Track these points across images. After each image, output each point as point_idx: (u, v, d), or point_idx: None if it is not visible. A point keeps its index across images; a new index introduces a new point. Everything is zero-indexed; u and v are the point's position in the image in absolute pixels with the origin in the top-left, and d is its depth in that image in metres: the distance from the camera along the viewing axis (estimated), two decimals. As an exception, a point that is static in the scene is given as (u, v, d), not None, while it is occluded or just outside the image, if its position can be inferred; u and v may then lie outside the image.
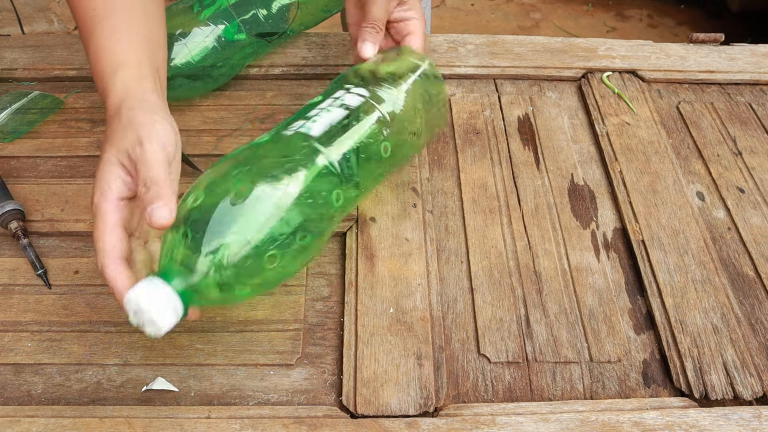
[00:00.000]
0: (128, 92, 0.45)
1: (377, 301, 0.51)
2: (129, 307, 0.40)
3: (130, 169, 0.42)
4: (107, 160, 0.42)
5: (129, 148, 0.42)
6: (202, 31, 0.63)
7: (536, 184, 0.60)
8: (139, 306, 0.39)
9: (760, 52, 0.74)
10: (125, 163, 0.42)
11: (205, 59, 0.63)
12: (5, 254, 0.55)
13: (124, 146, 0.42)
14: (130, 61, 0.47)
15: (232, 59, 0.65)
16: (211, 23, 0.63)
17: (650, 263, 0.54)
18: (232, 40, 0.64)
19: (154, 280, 0.40)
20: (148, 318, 0.39)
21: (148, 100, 0.45)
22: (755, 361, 0.49)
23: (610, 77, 0.69)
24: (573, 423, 0.45)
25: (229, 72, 0.66)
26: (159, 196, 0.40)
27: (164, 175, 0.41)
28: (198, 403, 0.46)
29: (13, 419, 0.44)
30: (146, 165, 0.41)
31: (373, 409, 0.46)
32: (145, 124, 0.42)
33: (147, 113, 0.44)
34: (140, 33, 0.49)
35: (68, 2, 0.50)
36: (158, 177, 0.41)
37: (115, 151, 0.42)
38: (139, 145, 0.41)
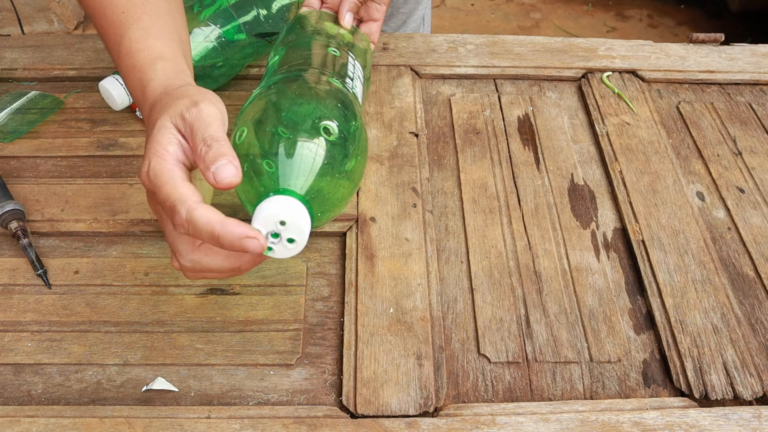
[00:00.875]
0: (170, 79, 0.44)
1: (377, 301, 0.51)
2: (267, 220, 0.38)
3: (185, 132, 0.39)
4: (161, 125, 0.39)
5: (183, 109, 0.39)
6: (202, 31, 0.63)
7: (536, 184, 0.60)
8: (286, 217, 0.38)
9: (760, 52, 0.74)
10: (180, 126, 0.39)
11: (205, 59, 0.63)
12: (5, 254, 0.55)
13: (178, 109, 0.39)
14: (167, 55, 0.47)
15: (232, 59, 0.65)
16: (211, 23, 0.63)
17: (650, 263, 0.54)
18: (232, 40, 0.64)
19: (279, 197, 0.39)
20: (296, 227, 0.38)
21: (192, 84, 0.45)
22: (755, 361, 0.49)
23: (610, 77, 0.69)
24: (573, 423, 0.45)
25: (229, 72, 0.66)
26: (222, 154, 0.37)
27: (224, 134, 0.38)
28: (198, 403, 0.46)
29: (13, 419, 0.44)
30: (204, 123, 0.38)
31: (373, 409, 0.46)
32: (198, 92, 0.41)
33: (196, 88, 0.42)
34: (172, 33, 0.49)
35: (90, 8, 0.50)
36: (219, 134, 0.38)
37: (169, 116, 0.39)
38: (194, 106, 0.39)
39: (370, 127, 0.64)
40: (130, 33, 0.48)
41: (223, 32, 0.63)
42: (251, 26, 0.65)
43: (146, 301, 0.52)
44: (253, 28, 0.65)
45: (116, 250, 0.55)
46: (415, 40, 0.73)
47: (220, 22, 0.63)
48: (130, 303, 0.51)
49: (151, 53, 0.46)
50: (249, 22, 0.65)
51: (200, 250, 0.40)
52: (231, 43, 0.64)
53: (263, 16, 0.66)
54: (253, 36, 0.66)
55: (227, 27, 0.64)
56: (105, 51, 0.72)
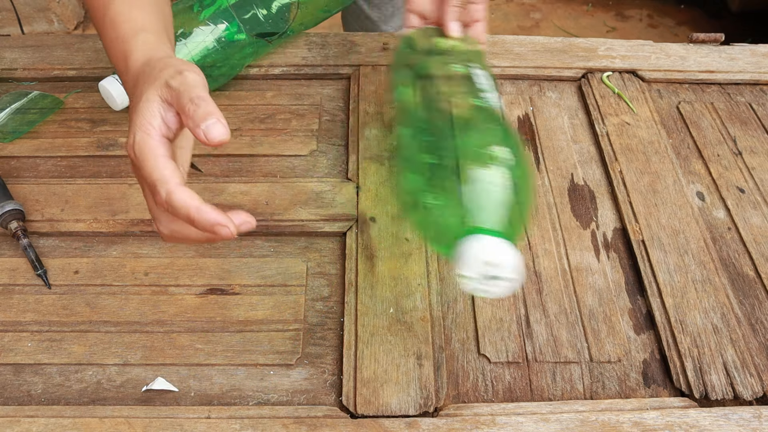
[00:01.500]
0: (153, 50, 0.45)
1: (377, 301, 0.51)
2: (473, 261, 0.38)
3: (171, 100, 0.40)
4: (147, 98, 0.39)
5: (169, 78, 0.40)
6: (202, 31, 0.63)
7: (536, 184, 0.60)
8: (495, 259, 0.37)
9: (760, 52, 0.74)
10: (165, 96, 0.40)
11: (205, 59, 0.63)
12: (5, 254, 0.55)
13: (163, 79, 0.40)
14: (149, 27, 0.47)
15: (232, 59, 0.65)
16: (211, 23, 0.63)
17: (650, 263, 0.54)
18: (232, 40, 0.64)
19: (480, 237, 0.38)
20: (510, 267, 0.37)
21: (173, 56, 0.45)
22: (755, 361, 0.49)
23: (610, 77, 0.69)
24: (573, 423, 0.45)
25: (229, 72, 0.66)
26: (210, 113, 0.38)
27: (209, 96, 0.39)
28: (198, 403, 0.46)
29: (13, 419, 0.44)
30: (189, 86, 0.39)
31: (373, 409, 0.46)
32: (181, 62, 0.41)
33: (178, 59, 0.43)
34: (154, 7, 0.50)
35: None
36: (205, 95, 0.39)
37: (155, 88, 0.40)
38: (179, 74, 0.40)
39: (370, 127, 0.64)
40: (115, 5, 0.48)
41: (223, 32, 0.63)
42: (251, 26, 0.65)
43: (146, 301, 0.52)
44: (253, 28, 0.65)
45: (116, 250, 0.55)
46: (415, 40, 0.73)
47: (220, 22, 0.63)
48: (130, 303, 0.51)
49: (134, 25, 0.47)
50: (249, 22, 0.65)
51: (178, 222, 0.40)
52: (231, 43, 0.64)
53: (263, 16, 0.66)
54: (253, 36, 0.66)
55: (227, 27, 0.64)
56: (105, 51, 0.72)
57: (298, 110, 0.66)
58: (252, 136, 0.64)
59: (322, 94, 0.68)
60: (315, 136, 0.64)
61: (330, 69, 0.70)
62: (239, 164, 0.61)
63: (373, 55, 0.71)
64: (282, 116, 0.66)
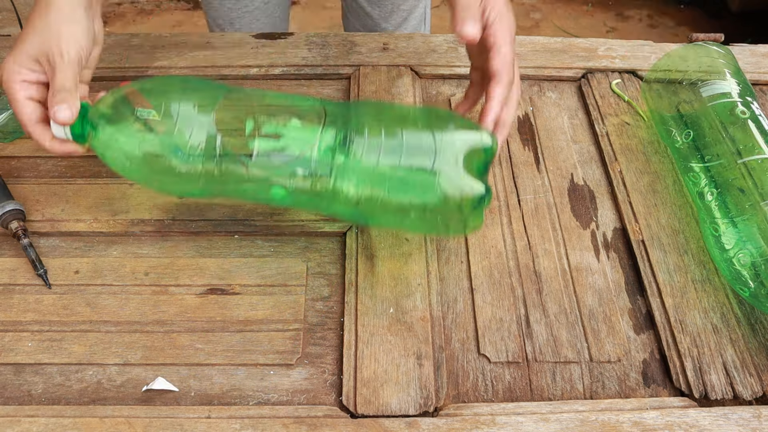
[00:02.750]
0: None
1: (377, 301, 0.51)
2: None
3: (44, 64, 0.49)
4: (25, 51, 0.49)
5: (50, 53, 0.49)
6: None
7: (536, 184, 0.60)
8: None
9: (760, 52, 0.74)
10: (41, 60, 0.49)
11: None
12: (5, 254, 0.55)
13: (44, 49, 0.49)
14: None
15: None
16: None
17: (650, 263, 0.54)
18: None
19: None
20: None
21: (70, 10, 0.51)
22: (755, 361, 0.49)
23: (618, 84, 0.69)
24: (573, 423, 0.45)
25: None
26: (63, 100, 0.48)
27: (71, 81, 0.48)
28: (198, 403, 0.46)
29: (13, 419, 0.44)
30: (56, 70, 0.49)
31: (373, 409, 0.46)
32: (63, 34, 0.49)
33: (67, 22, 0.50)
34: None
35: None
36: (66, 84, 0.48)
37: (36, 50, 0.49)
38: (59, 54, 0.49)
39: (370, 127, 0.64)
40: None
41: None
42: None
43: (146, 301, 0.52)
44: None
45: (116, 250, 0.55)
46: (415, 40, 0.73)
47: None
48: (130, 303, 0.52)
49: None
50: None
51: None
52: None
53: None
54: None
55: None
56: (105, 51, 0.72)
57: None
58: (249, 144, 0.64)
59: (322, 94, 0.68)
60: (315, 136, 0.64)
61: (330, 69, 0.70)
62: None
63: (373, 55, 0.71)
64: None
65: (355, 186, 0.45)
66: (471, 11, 0.50)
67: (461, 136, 0.46)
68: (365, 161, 0.45)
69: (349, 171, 0.45)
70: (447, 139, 0.46)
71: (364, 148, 0.45)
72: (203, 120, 0.46)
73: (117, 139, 0.47)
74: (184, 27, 2.06)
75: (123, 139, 0.47)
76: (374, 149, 0.45)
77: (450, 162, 0.45)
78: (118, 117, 0.47)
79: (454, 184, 0.45)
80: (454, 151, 0.45)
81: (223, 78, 0.69)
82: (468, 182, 0.45)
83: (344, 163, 0.45)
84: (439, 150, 0.45)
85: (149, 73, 0.69)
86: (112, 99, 0.49)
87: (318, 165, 0.45)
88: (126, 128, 0.47)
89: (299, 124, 0.47)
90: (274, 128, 0.46)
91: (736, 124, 0.56)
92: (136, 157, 0.47)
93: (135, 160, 0.47)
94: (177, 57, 0.71)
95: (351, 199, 0.46)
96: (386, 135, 0.46)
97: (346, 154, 0.45)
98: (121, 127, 0.47)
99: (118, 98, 0.49)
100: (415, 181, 0.45)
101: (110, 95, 0.49)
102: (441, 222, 0.47)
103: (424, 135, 0.46)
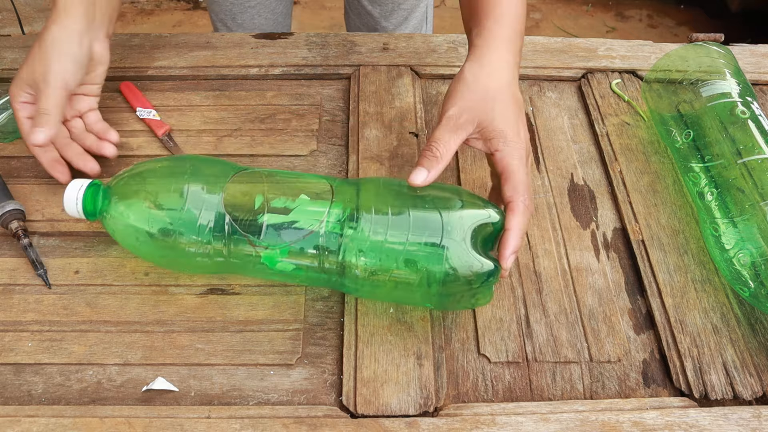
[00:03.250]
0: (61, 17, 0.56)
1: (377, 301, 0.51)
2: None
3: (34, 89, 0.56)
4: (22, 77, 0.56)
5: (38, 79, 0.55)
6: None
7: (536, 184, 0.60)
8: None
9: (760, 52, 0.74)
10: (32, 86, 0.56)
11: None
12: (5, 254, 0.55)
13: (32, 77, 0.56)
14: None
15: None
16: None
17: (650, 263, 0.54)
18: None
19: None
20: None
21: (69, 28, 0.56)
22: (755, 361, 0.49)
23: (618, 84, 0.69)
24: (573, 423, 0.45)
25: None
26: (40, 124, 0.54)
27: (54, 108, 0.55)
28: (198, 403, 0.46)
29: (13, 419, 0.44)
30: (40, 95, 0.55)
31: (373, 409, 0.46)
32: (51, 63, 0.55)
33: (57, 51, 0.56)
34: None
35: None
36: (47, 108, 0.55)
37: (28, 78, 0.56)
38: (44, 82, 0.55)
39: (370, 127, 0.64)
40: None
41: None
42: None
43: (146, 301, 0.52)
44: None
45: (116, 250, 0.55)
46: (415, 40, 0.73)
47: None
48: (130, 303, 0.52)
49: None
50: None
51: None
52: None
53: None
54: None
55: None
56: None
57: (298, 110, 0.66)
58: (252, 136, 0.64)
59: (322, 94, 0.68)
60: (315, 136, 0.64)
61: (330, 69, 0.70)
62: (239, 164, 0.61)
63: (373, 55, 0.71)
64: (282, 116, 0.66)
65: (363, 262, 0.46)
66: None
67: (468, 213, 0.46)
68: (373, 237, 0.45)
69: (358, 247, 0.46)
70: (454, 216, 0.46)
71: (371, 225, 0.46)
72: (212, 199, 0.47)
73: (128, 216, 0.48)
74: (184, 27, 2.06)
75: (134, 217, 0.48)
76: (382, 226, 0.46)
77: (458, 239, 0.45)
78: (129, 195, 0.48)
79: (463, 262, 0.45)
80: (462, 228, 0.45)
81: (223, 78, 0.69)
82: (476, 259, 0.45)
83: (352, 239, 0.46)
84: (446, 227, 0.45)
85: (149, 73, 0.69)
86: (124, 177, 0.50)
87: (326, 241, 0.46)
88: (137, 206, 0.48)
89: (308, 199, 0.47)
90: (283, 204, 0.47)
91: (736, 124, 0.55)
92: (145, 235, 0.48)
93: (144, 238, 0.48)
94: (177, 57, 0.71)
95: (359, 274, 0.46)
96: (393, 213, 0.46)
97: (355, 230, 0.46)
98: (132, 205, 0.48)
99: (130, 176, 0.50)
100: (423, 258, 0.45)
101: (123, 174, 0.50)
102: (449, 299, 0.47)
103: (431, 213, 0.46)
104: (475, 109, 0.49)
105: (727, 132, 0.55)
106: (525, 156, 0.49)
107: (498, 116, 0.49)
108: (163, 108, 0.66)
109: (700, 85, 0.59)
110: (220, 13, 0.95)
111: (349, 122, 0.65)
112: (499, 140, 0.49)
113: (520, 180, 0.48)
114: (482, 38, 0.53)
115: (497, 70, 0.51)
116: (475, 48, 0.53)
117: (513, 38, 0.53)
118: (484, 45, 0.52)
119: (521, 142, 0.49)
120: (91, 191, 0.50)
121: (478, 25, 0.53)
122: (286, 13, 1.00)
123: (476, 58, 0.52)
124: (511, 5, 0.54)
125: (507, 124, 0.49)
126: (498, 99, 0.50)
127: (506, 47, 0.52)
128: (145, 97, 0.67)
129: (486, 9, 0.53)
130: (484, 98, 0.50)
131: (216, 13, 0.96)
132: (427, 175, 0.47)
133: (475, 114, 0.49)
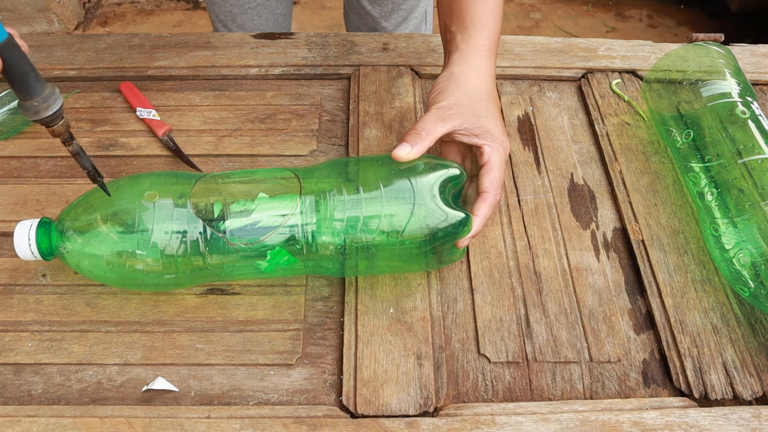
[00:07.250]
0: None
1: (377, 301, 0.51)
2: None
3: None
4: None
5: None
6: None
7: (536, 184, 0.60)
8: None
9: (760, 52, 0.74)
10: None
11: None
12: (5, 254, 0.55)
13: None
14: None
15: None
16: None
17: (650, 263, 0.54)
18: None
19: None
20: None
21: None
22: (755, 361, 0.49)
23: (618, 84, 0.69)
24: (573, 423, 0.45)
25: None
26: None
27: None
28: (198, 403, 0.46)
29: (13, 419, 0.44)
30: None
31: (373, 409, 0.46)
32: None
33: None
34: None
35: None
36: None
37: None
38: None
39: (370, 127, 0.64)
40: None
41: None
42: None
43: (146, 301, 0.52)
44: None
45: (116, 250, 0.55)
46: (415, 40, 0.73)
47: None
48: (130, 303, 0.52)
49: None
50: None
51: None
52: None
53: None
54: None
55: None
56: (105, 51, 0.72)
57: (298, 110, 0.66)
58: (252, 136, 0.64)
59: (322, 94, 0.68)
60: (315, 136, 0.64)
61: (330, 69, 0.70)
62: (239, 164, 0.61)
63: (373, 55, 0.71)
64: (282, 116, 0.66)
65: (340, 237, 0.47)
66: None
67: (432, 173, 0.49)
68: (347, 211, 0.47)
69: (333, 224, 0.47)
70: (420, 177, 0.48)
71: (345, 200, 0.47)
72: (176, 212, 0.46)
73: (91, 246, 0.46)
74: (184, 27, 2.06)
75: (96, 245, 0.46)
76: (353, 199, 0.47)
77: (428, 197, 0.48)
78: (86, 225, 0.46)
79: (436, 215, 0.47)
80: (429, 187, 0.48)
81: (223, 78, 0.69)
82: (448, 210, 0.48)
83: (326, 218, 0.47)
84: (415, 188, 0.48)
85: (149, 73, 0.69)
86: (75, 209, 0.48)
87: (299, 227, 0.47)
88: (97, 234, 0.46)
89: (266, 197, 0.48)
90: (242, 205, 0.47)
91: (736, 124, 0.55)
92: (113, 260, 0.46)
93: (113, 263, 0.46)
94: (177, 57, 0.71)
95: (338, 251, 0.47)
96: (363, 185, 0.48)
97: (327, 210, 0.47)
98: (92, 235, 0.46)
99: (81, 207, 0.48)
100: (399, 220, 0.47)
101: (73, 205, 0.48)
102: (431, 256, 0.49)
103: (399, 178, 0.48)
104: (465, 107, 0.53)
105: (727, 132, 0.55)
106: (506, 156, 0.53)
107: (486, 116, 0.53)
108: (163, 108, 0.66)
109: (700, 85, 0.59)
110: (220, 14, 0.95)
111: (349, 122, 0.65)
112: (487, 136, 0.52)
113: (498, 176, 0.52)
114: (467, 44, 0.56)
115: (484, 75, 0.55)
116: (460, 51, 0.56)
117: (493, 49, 0.57)
118: (469, 51, 0.56)
119: (506, 143, 0.53)
120: (42, 230, 0.47)
121: (463, 30, 0.57)
122: (286, 14, 1.00)
123: (464, 61, 0.55)
124: (495, 15, 0.58)
125: (494, 125, 0.53)
126: (485, 101, 0.54)
127: (488, 56, 0.56)
128: (145, 97, 0.67)
129: (470, 15, 0.57)
130: (473, 98, 0.53)
131: (216, 15, 0.96)
132: (410, 149, 0.49)
133: (463, 111, 0.52)
